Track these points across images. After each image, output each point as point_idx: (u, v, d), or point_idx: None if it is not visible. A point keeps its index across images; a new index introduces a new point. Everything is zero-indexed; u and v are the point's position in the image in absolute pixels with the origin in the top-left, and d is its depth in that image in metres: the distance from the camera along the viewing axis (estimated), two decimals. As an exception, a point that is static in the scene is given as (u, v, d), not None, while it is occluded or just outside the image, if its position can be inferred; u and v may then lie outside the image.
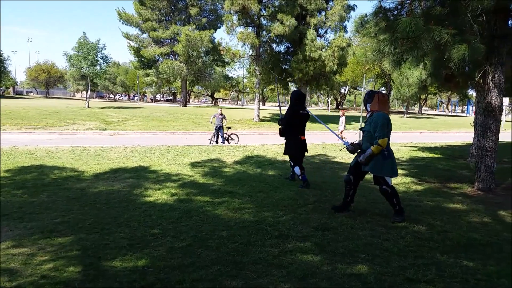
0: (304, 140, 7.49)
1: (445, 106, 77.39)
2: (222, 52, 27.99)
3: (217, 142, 15.93)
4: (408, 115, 43.11)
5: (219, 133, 16.09)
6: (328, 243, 4.29)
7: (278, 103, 7.86)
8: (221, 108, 18.73)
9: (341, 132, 17.55)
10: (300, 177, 7.36)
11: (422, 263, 3.82)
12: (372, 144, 5.09)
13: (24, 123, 19.88)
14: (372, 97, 5.32)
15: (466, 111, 60.13)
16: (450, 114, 64.48)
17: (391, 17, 7.31)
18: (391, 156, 5.18)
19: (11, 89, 77.63)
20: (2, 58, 55.48)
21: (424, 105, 65.74)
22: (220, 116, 15.99)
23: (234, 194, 6.51)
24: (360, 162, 5.24)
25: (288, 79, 31.42)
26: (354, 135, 20.47)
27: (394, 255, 4.01)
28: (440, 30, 5.86)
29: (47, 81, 65.37)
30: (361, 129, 5.53)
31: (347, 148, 5.58)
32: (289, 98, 7.28)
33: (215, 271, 3.52)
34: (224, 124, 16.16)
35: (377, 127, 5.05)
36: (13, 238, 4.28)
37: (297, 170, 7.41)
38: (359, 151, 5.41)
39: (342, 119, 17.81)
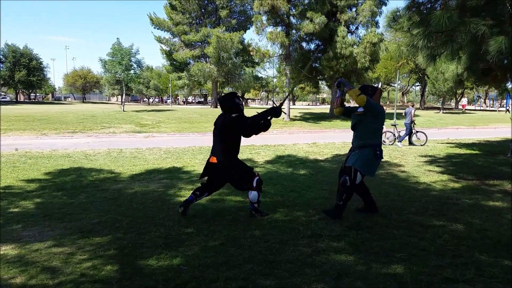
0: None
1: (482, 100, 74.40)
2: (251, 53, 28.03)
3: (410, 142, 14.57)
4: (444, 111, 41.74)
5: (411, 131, 14.49)
6: (362, 243, 4.23)
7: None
8: (412, 103, 16.88)
9: None
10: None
11: (461, 262, 3.70)
12: (364, 145, 5.00)
13: (63, 127, 20.61)
14: (375, 91, 5.19)
15: (505, 105, 57.50)
16: (488, 109, 61.96)
17: (425, 11, 7.12)
18: (381, 157, 5.11)
19: (50, 95, 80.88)
20: (42, 66, 57.88)
21: (461, 100, 63.45)
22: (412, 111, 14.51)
23: (265, 194, 6.51)
24: (336, 82, 5.19)
25: (318, 77, 31.13)
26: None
27: (431, 254, 3.91)
28: (477, 22, 5.64)
29: (84, 86, 67.33)
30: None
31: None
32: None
33: (248, 269, 3.54)
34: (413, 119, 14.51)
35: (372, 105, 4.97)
36: (54, 238, 4.46)
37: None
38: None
39: None
